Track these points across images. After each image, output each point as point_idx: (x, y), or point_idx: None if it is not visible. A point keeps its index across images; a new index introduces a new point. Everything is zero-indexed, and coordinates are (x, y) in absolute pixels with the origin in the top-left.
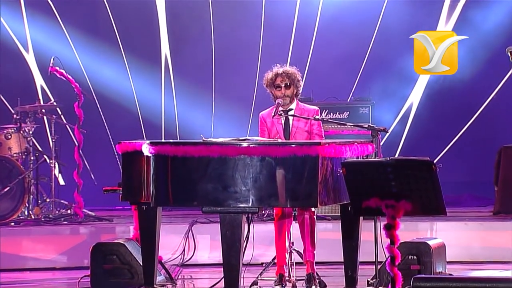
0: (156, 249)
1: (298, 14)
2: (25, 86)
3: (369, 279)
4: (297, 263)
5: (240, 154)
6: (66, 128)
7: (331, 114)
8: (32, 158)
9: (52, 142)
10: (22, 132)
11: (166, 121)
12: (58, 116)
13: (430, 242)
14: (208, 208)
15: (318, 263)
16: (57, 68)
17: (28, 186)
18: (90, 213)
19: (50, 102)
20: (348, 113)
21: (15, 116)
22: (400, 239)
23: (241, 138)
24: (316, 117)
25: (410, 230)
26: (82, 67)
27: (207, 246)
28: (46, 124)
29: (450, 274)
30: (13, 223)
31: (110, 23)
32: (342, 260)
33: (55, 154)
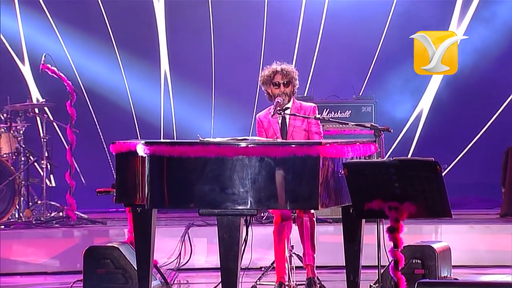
0: (151, 252)
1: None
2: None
3: (371, 284)
4: (297, 267)
5: (238, 154)
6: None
7: (333, 113)
8: (23, 158)
9: (43, 142)
10: (12, 131)
11: (161, 120)
12: (53, 115)
13: (434, 246)
14: (205, 210)
15: (319, 267)
16: (48, 65)
17: (18, 188)
18: (83, 215)
19: (42, 101)
20: (350, 112)
21: (5, 115)
22: (403, 243)
23: (239, 138)
24: (317, 116)
25: (414, 233)
26: (72, 64)
27: (204, 249)
28: (39, 123)
29: (456, 279)
30: (3, 226)
31: (102, 18)
32: (344, 264)
33: (47, 155)
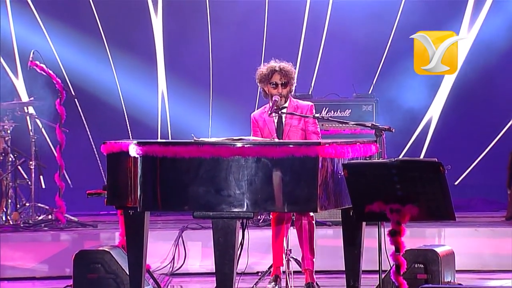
0: (143, 257)
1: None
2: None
3: None
4: (295, 272)
5: (234, 155)
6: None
7: (332, 111)
8: (10, 159)
9: (32, 142)
10: None
11: (158, 120)
12: (39, 114)
13: (438, 250)
14: (199, 213)
15: (318, 272)
16: (37, 62)
17: (5, 190)
18: (72, 218)
19: (30, 99)
20: (350, 110)
21: None
22: (405, 246)
23: (235, 137)
24: (316, 115)
25: (416, 237)
26: (59, 60)
27: (199, 253)
28: (29, 122)
29: (460, 284)
30: None
31: (92, 13)
32: (344, 269)
33: (35, 155)
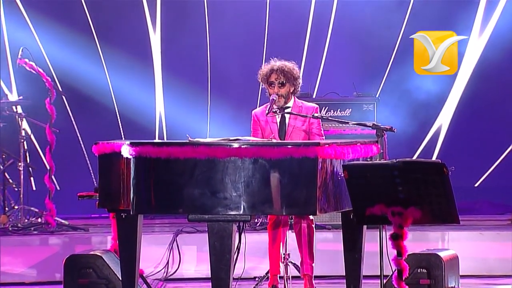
0: (136, 261)
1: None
2: None
3: None
4: (293, 277)
5: (230, 155)
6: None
7: (332, 111)
8: None
9: (21, 143)
10: None
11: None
12: (28, 113)
13: (441, 254)
14: (194, 216)
15: (317, 277)
16: (26, 60)
17: None
18: (63, 221)
19: (19, 98)
20: (350, 110)
21: None
22: (408, 251)
23: (231, 138)
24: (315, 114)
25: (419, 241)
26: (46, 57)
27: (194, 258)
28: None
29: None
30: None
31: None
32: (344, 274)
33: (24, 156)
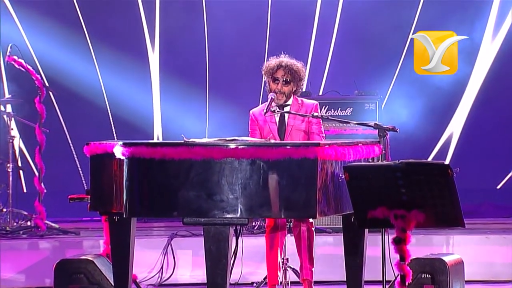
0: (129, 266)
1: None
2: None
3: None
4: (292, 283)
5: (227, 156)
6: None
7: (332, 110)
8: None
9: (9, 143)
10: None
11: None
12: (18, 113)
13: (446, 259)
14: (190, 219)
15: (317, 283)
16: (15, 57)
17: None
18: (53, 225)
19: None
20: (351, 109)
21: None
22: (411, 255)
23: (228, 138)
24: (314, 114)
25: (422, 245)
26: (32, 53)
27: (189, 263)
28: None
29: None
30: None
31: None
32: (345, 279)
33: (14, 157)
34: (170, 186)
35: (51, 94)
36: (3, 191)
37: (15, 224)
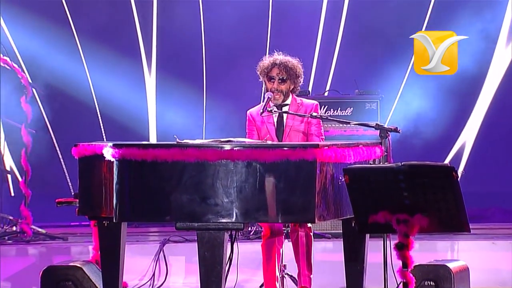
0: (120, 273)
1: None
2: None
3: None
4: None
5: (221, 158)
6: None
7: (332, 110)
8: None
9: None
10: None
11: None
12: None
13: (450, 265)
14: (183, 223)
15: None
16: None
17: None
18: (40, 230)
19: None
20: (352, 109)
21: None
22: (414, 262)
23: (222, 139)
24: (313, 114)
25: (426, 251)
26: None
27: (182, 270)
28: None
29: None
30: None
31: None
32: (345, 286)
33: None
34: (162, 189)
35: (35, 91)
36: None
37: (0, 229)
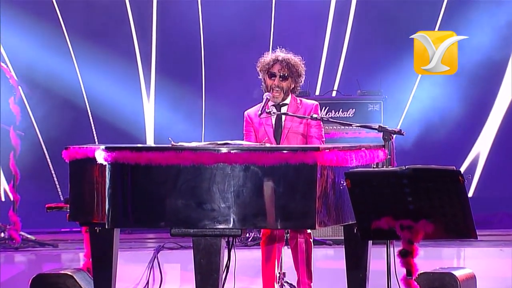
0: (112, 281)
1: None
2: None
3: None
4: None
5: (218, 162)
6: None
7: (333, 111)
8: None
9: None
10: None
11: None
12: None
13: (456, 273)
14: (178, 230)
15: None
16: None
17: None
18: (29, 236)
19: None
20: (354, 110)
21: None
22: (419, 269)
23: (219, 142)
24: (314, 115)
25: (431, 258)
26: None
27: (177, 278)
28: None
29: None
30: None
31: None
32: None
33: None
34: (156, 194)
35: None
36: None
37: None
